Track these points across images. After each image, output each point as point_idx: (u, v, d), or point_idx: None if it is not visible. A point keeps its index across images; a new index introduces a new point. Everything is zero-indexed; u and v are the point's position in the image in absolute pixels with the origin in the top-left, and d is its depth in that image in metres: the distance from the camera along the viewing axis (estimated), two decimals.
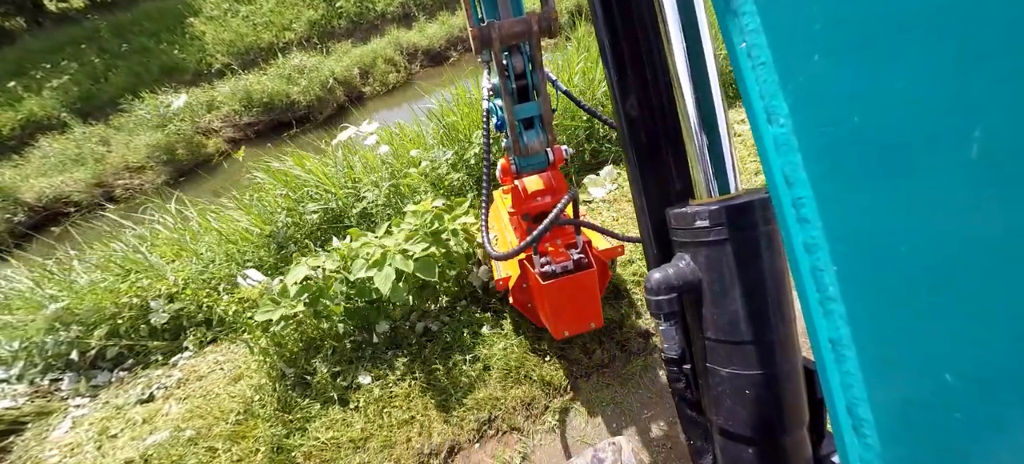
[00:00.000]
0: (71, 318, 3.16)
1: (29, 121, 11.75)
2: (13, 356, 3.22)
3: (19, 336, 3.27)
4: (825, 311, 0.34)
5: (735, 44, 0.35)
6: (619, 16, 0.65)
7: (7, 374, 3.16)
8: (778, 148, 0.34)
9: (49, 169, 10.59)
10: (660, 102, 0.67)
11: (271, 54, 13.01)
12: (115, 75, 12.42)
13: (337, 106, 12.08)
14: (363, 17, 14.40)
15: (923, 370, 0.30)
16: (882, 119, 0.28)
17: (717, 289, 0.59)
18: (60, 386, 3.13)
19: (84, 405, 2.95)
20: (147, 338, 3.28)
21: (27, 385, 3.11)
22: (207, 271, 3.35)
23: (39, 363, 3.19)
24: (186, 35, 13.37)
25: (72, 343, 3.12)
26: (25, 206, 9.99)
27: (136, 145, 10.62)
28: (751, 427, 0.60)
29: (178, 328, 3.32)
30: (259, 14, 13.87)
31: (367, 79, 12.67)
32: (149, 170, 10.51)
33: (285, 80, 11.71)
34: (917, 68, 0.25)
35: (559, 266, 1.88)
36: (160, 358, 3.24)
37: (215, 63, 12.98)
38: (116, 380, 3.16)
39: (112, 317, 3.22)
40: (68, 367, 3.20)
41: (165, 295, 3.25)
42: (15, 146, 11.52)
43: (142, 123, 11.08)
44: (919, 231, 0.28)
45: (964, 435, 0.29)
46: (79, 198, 10.20)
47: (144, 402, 2.81)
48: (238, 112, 11.55)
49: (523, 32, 1.45)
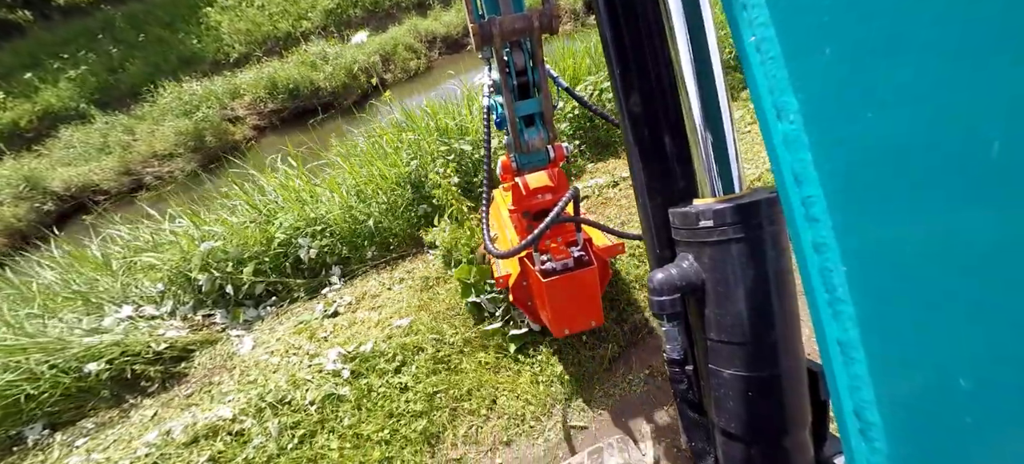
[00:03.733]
0: (223, 256, 3.29)
1: (47, 112, 11.58)
2: (161, 295, 3.33)
3: (162, 277, 3.38)
4: (834, 312, 0.33)
5: (744, 38, 0.35)
6: (622, 10, 0.64)
7: (159, 311, 3.27)
8: (788, 145, 0.33)
9: (74, 159, 10.47)
10: (664, 99, 0.66)
11: (288, 43, 13.01)
12: (132, 65, 12.30)
13: (361, 92, 12.15)
14: (378, 6, 14.46)
15: (934, 374, 0.29)
16: (897, 116, 0.27)
17: (720, 290, 0.58)
18: (213, 320, 3.26)
19: (244, 335, 3.09)
20: (290, 276, 3.42)
21: (180, 320, 3.24)
22: (350, 213, 3.51)
23: (188, 300, 3.31)
24: (201, 25, 13.28)
25: (226, 278, 3.25)
26: (53, 195, 9.87)
27: (164, 133, 10.56)
28: (753, 429, 0.59)
29: (320, 266, 3.48)
30: (274, 3, 13.84)
31: (389, 66, 12.75)
32: (178, 157, 10.46)
33: (310, 67, 11.74)
34: (929, 66, 0.24)
35: (560, 264, 1.87)
36: (302, 295, 3.39)
37: (233, 53, 12.93)
38: (264, 315, 3.30)
39: (258, 256, 3.35)
40: (217, 303, 3.33)
41: (309, 233, 3.40)
42: (33, 138, 11.35)
43: (167, 111, 11.00)
44: (933, 233, 0.27)
45: (973, 439, 0.28)
46: (108, 186, 10.11)
47: (330, 317, 2.97)
48: (262, 99, 11.54)
49: (524, 28, 1.42)
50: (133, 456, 2.19)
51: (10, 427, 2.69)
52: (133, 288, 3.35)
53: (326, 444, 2.17)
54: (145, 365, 2.85)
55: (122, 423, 2.57)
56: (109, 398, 2.80)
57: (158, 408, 2.59)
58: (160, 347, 2.90)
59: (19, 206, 9.50)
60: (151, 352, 2.88)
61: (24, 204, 9.56)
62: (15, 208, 9.42)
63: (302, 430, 2.21)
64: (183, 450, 2.19)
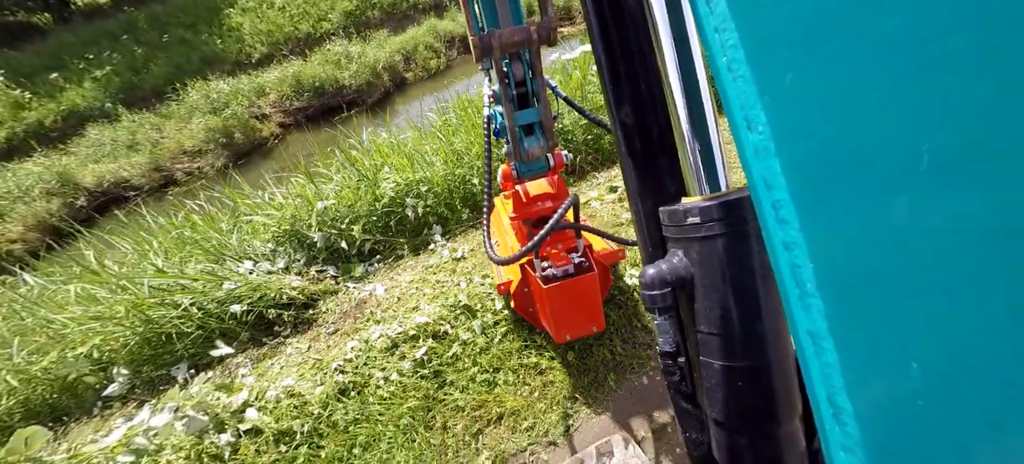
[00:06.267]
0: (335, 214, 3.48)
1: (72, 112, 11.66)
2: (273, 253, 3.51)
3: (269, 238, 3.56)
4: (804, 305, 0.35)
5: (717, 58, 0.37)
6: (614, 30, 0.68)
7: (273, 267, 3.44)
8: (757, 154, 0.36)
9: (103, 156, 10.56)
10: (654, 109, 0.69)
11: (309, 44, 13.23)
12: (156, 65, 12.43)
13: (384, 91, 12.38)
14: (396, 7, 14.74)
15: (894, 360, 0.31)
16: (850, 127, 0.30)
17: (709, 283, 0.60)
18: (325, 275, 3.44)
19: (364, 285, 3.28)
20: (394, 235, 3.62)
21: (294, 275, 3.41)
22: (452, 174, 3.72)
23: (300, 257, 3.49)
24: (223, 26, 13.46)
25: (341, 235, 3.44)
26: (85, 191, 9.95)
27: (193, 130, 10.69)
28: (745, 418, 0.61)
29: (422, 225, 3.68)
30: (294, 5, 14.06)
31: (409, 65, 13.01)
32: (208, 153, 10.59)
33: (334, 66, 11.95)
34: (876, 83, 0.28)
35: (560, 270, 1.89)
36: (406, 252, 3.58)
37: (254, 53, 13.11)
38: (371, 271, 3.49)
39: (366, 215, 3.55)
40: (327, 261, 3.51)
41: (415, 194, 3.60)
42: (58, 136, 11.41)
43: (194, 109, 11.14)
44: (886, 230, 0.30)
45: (931, 420, 0.30)
46: (139, 182, 10.21)
47: (458, 260, 3.17)
48: (288, 97, 11.72)
49: (523, 40, 1.45)
50: (343, 360, 2.42)
51: (161, 366, 2.85)
52: (247, 246, 3.52)
53: (530, 337, 2.40)
54: (280, 309, 3.03)
55: (277, 356, 2.75)
56: (247, 341, 2.97)
57: (309, 342, 2.77)
58: (292, 293, 3.08)
59: (51, 201, 9.57)
60: (284, 297, 3.06)
61: (56, 199, 9.63)
62: (47, 203, 9.50)
63: (503, 328, 2.43)
64: (385, 354, 2.41)
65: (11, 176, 9.73)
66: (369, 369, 2.34)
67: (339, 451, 2.00)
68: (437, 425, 2.08)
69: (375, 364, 2.35)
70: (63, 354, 2.83)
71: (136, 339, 2.78)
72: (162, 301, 2.78)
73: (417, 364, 2.32)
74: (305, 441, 2.06)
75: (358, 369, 2.34)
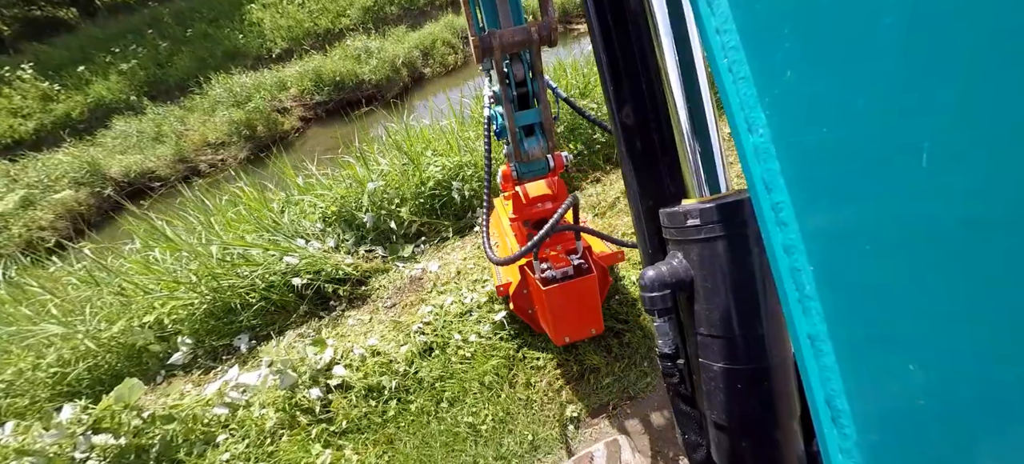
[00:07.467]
0: (384, 196, 3.57)
1: (98, 104, 11.88)
2: (322, 233, 3.60)
3: (318, 218, 3.66)
4: (804, 308, 0.35)
5: (718, 60, 0.37)
6: (615, 32, 0.68)
7: (323, 246, 3.54)
8: (758, 156, 0.36)
9: (129, 147, 10.75)
10: (654, 111, 0.69)
11: (329, 39, 13.38)
12: (180, 59, 12.63)
13: (403, 85, 12.50)
14: (414, 3, 14.87)
15: (892, 363, 0.31)
16: (851, 131, 0.30)
17: (708, 285, 0.60)
18: (375, 254, 3.53)
19: (415, 264, 3.36)
20: (439, 218, 3.70)
21: (344, 254, 3.50)
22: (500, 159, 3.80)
23: (349, 237, 3.58)
24: (244, 21, 13.65)
25: (389, 216, 3.53)
26: (112, 181, 10.14)
27: (216, 122, 10.86)
28: (744, 420, 0.61)
29: (465, 209, 3.76)
30: (313, 0, 14.23)
31: (428, 60, 13.12)
32: (231, 146, 10.76)
33: (354, 61, 12.09)
34: (876, 85, 0.28)
35: (559, 272, 1.88)
36: (450, 234, 3.66)
37: (275, 48, 13.28)
38: (418, 252, 3.58)
39: (413, 198, 3.64)
40: (375, 241, 3.60)
41: (460, 178, 3.69)
42: (85, 128, 11.64)
43: (218, 102, 11.31)
44: (884, 232, 0.29)
45: (929, 423, 0.30)
46: (164, 173, 10.39)
47: None
48: (308, 91, 11.87)
49: (524, 41, 1.44)
50: (422, 323, 2.52)
51: (223, 336, 2.95)
52: (296, 226, 3.62)
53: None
54: (336, 284, 3.12)
55: (339, 325, 2.84)
56: (305, 314, 3.06)
57: (369, 315, 2.86)
58: (347, 269, 3.17)
59: (79, 191, 9.77)
60: (340, 273, 3.15)
61: (84, 189, 9.83)
62: (75, 193, 9.70)
63: None
64: (460, 318, 2.52)
65: (41, 166, 9.93)
66: (448, 331, 2.44)
67: (427, 405, 2.11)
68: (520, 382, 2.17)
69: (453, 327, 2.45)
70: (130, 322, 2.94)
71: (203, 308, 2.88)
72: (229, 271, 2.88)
73: (496, 326, 2.42)
74: (393, 396, 2.17)
75: (437, 331, 2.44)
